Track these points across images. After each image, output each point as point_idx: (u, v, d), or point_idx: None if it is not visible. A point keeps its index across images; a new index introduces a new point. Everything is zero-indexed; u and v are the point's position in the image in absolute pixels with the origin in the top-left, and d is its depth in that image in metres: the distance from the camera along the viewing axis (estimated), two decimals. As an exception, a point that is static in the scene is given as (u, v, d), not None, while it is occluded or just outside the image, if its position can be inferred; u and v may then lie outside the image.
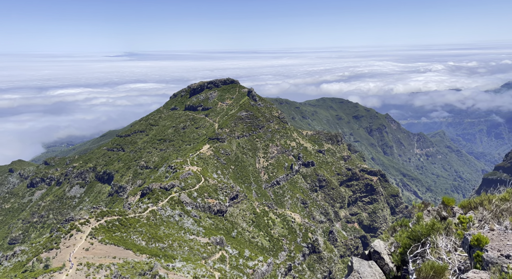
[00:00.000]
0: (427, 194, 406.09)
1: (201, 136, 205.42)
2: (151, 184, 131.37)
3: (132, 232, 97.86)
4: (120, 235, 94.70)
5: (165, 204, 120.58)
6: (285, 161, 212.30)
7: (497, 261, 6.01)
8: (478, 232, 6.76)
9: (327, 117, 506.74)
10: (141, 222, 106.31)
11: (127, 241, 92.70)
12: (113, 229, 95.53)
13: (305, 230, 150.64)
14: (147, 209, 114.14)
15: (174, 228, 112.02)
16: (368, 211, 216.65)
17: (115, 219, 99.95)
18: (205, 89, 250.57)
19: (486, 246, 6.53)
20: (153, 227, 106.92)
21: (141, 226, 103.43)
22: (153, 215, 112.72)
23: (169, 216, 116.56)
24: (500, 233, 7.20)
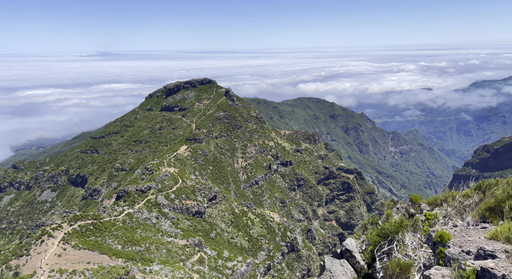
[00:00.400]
0: (401, 191, 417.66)
1: (178, 137, 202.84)
2: (127, 187, 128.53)
3: (108, 236, 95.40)
4: (94, 240, 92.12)
5: (141, 207, 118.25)
6: (263, 160, 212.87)
7: (458, 257, 6.15)
8: (441, 229, 6.91)
9: (305, 117, 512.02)
10: (116, 225, 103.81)
11: (102, 245, 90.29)
12: (87, 234, 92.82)
13: (284, 229, 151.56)
14: (123, 212, 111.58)
15: (151, 230, 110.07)
16: (345, 208, 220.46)
17: (89, 223, 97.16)
18: (181, 89, 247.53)
19: (449, 242, 6.68)
20: (130, 230, 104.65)
21: (117, 230, 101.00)
22: (129, 218, 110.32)
23: (146, 219, 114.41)
24: (462, 229, 7.39)
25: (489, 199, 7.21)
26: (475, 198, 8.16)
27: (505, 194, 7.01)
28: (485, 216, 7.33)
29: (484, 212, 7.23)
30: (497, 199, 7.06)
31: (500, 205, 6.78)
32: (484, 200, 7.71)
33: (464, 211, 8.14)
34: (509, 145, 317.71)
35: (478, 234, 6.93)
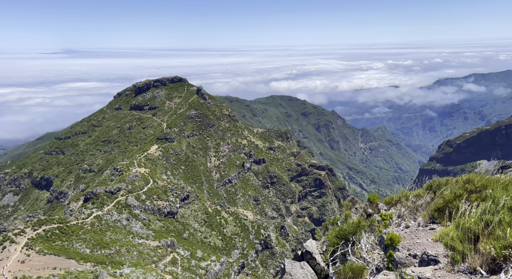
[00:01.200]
0: (371, 186, 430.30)
1: (148, 137, 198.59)
2: (95, 188, 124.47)
3: (75, 240, 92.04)
4: (61, 244, 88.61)
5: (111, 209, 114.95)
6: (236, 159, 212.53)
7: (405, 261, 6.23)
8: (391, 231, 7.01)
9: (277, 115, 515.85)
10: (84, 228, 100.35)
11: (69, 250, 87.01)
12: (53, 238, 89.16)
13: (258, 227, 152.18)
14: (91, 214, 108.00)
15: (121, 233, 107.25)
16: (318, 205, 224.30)
17: (54, 228, 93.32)
18: (151, 88, 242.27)
19: (399, 245, 6.79)
20: (99, 233, 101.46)
21: (85, 233, 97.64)
22: (98, 221, 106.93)
23: (115, 221, 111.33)
24: (412, 231, 7.52)
25: (437, 200, 7.36)
26: (427, 198, 8.29)
27: (452, 194, 7.19)
28: (434, 217, 7.52)
29: (433, 213, 7.41)
30: (445, 200, 7.24)
31: (448, 205, 6.96)
32: (434, 200, 7.85)
33: (416, 211, 8.27)
34: (469, 140, 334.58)
35: (426, 235, 7.09)
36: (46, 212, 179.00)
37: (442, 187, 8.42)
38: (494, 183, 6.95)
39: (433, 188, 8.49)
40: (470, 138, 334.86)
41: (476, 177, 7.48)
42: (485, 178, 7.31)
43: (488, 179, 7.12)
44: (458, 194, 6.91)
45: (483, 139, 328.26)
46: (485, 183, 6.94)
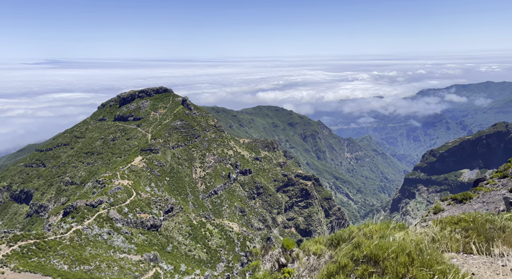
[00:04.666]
0: (357, 195, 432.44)
1: (132, 148, 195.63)
2: (75, 202, 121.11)
3: (52, 256, 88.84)
4: (37, 261, 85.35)
5: (91, 222, 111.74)
6: (222, 170, 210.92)
7: None
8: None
9: (264, 125, 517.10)
10: (63, 244, 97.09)
11: (46, 266, 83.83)
12: (29, 255, 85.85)
13: (243, 239, 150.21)
14: (71, 229, 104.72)
15: (102, 247, 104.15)
16: (304, 215, 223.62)
17: (31, 243, 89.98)
18: (136, 98, 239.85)
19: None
20: (78, 248, 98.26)
21: (63, 249, 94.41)
22: (77, 236, 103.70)
23: (96, 235, 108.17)
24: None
25: (328, 265, 6.26)
26: (325, 256, 7.17)
27: (345, 260, 6.00)
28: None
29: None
30: (329, 272, 6.04)
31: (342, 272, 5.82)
32: (326, 264, 6.69)
33: (315, 269, 7.13)
34: (452, 149, 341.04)
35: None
36: (25, 227, 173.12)
37: (342, 243, 7.19)
38: (384, 251, 5.67)
39: (334, 243, 7.33)
40: (453, 148, 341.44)
41: (365, 241, 6.35)
42: (373, 244, 6.04)
43: (378, 246, 5.88)
44: (343, 265, 5.92)
45: (465, 149, 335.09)
46: (374, 252, 5.77)
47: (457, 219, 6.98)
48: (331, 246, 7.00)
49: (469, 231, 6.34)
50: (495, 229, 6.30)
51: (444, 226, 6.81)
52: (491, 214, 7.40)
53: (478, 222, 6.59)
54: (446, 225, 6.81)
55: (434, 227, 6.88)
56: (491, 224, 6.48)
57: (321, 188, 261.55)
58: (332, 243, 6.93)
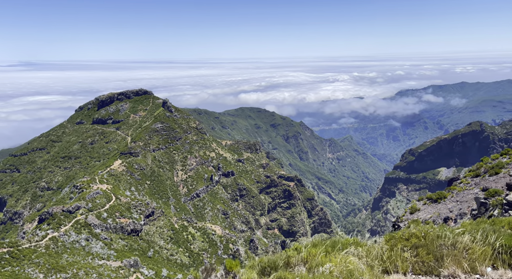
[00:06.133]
0: (340, 195, 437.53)
1: (112, 151, 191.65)
2: (51, 208, 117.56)
3: (27, 265, 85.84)
4: (11, 270, 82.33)
5: (68, 229, 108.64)
6: (204, 172, 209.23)
7: None
8: None
9: (246, 126, 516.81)
10: (38, 252, 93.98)
11: (20, 276, 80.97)
12: (2, 264, 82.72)
13: (226, 242, 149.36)
14: (46, 236, 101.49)
15: (80, 254, 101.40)
16: (287, 216, 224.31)
17: (4, 252, 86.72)
18: (115, 101, 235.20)
19: None
20: (54, 256, 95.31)
21: (39, 257, 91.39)
22: (53, 243, 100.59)
23: (73, 242, 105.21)
24: None
25: None
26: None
27: None
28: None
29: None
30: None
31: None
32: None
33: None
34: (430, 148, 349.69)
35: None
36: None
37: (276, 270, 6.62)
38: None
39: (266, 271, 6.83)
40: (430, 147, 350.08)
41: (288, 276, 5.78)
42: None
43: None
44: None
45: (442, 148, 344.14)
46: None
47: (408, 235, 6.80)
48: (263, 275, 6.56)
49: (418, 249, 6.18)
50: (446, 246, 6.15)
51: (395, 243, 6.64)
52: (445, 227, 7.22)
53: (429, 238, 6.42)
54: (397, 242, 6.65)
55: (384, 245, 6.68)
56: (442, 240, 6.33)
57: (304, 189, 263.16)
58: (265, 271, 6.49)
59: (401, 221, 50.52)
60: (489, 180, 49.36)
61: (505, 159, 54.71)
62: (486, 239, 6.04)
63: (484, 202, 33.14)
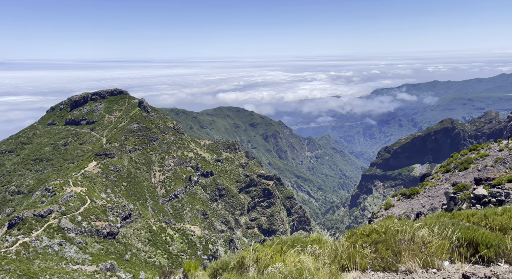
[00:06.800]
0: (318, 193, 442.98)
1: (86, 153, 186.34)
2: (22, 212, 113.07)
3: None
4: (-22, 279, 78.63)
5: (40, 234, 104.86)
6: (183, 173, 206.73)
7: None
8: None
9: (225, 126, 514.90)
10: (8, 258, 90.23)
11: (-12, 285, 77.43)
12: (-32, 273, 78.82)
13: (206, 242, 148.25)
14: (17, 242, 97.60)
15: (53, 260, 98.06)
16: (267, 215, 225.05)
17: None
18: (89, 101, 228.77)
19: None
20: (25, 262, 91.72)
21: (9, 263, 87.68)
22: (24, 249, 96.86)
23: (46, 247, 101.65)
24: None
25: None
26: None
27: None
28: None
29: None
30: None
31: None
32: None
33: None
34: (404, 145, 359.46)
35: None
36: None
37: (229, 272, 6.51)
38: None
39: (218, 272, 6.65)
40: (405, 144, 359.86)
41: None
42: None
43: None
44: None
45: (416, 145, 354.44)
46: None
47: (369, 231, 6.76)
48: (214, 277, 6.38)
49: (378, 245, 6.14)
50: (405, 240, 6.13)
51: (356, 239, 6.58)
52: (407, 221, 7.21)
53: (389, 234, 6.41)
54: (358, 238, 6.60)
55: (345, 242, 6.62)
56: (402, 235, 6.32)
57: (283, 187, 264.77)
58: (217, 273, 6.30)
59: (376, 217, 51.44)
60: (458, 175, 51.06)
61: (473, 155, 56.75)
62: (444, 232, 6.08)
63: (453, 196, 34.18)
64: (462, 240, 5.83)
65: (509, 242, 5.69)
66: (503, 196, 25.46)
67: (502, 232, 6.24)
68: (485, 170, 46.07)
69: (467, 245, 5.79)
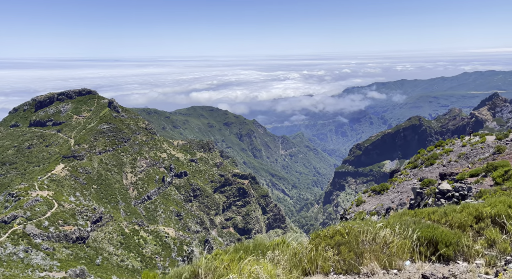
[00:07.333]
0: (293, 191, 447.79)
1: (53, 155, 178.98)
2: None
3: (-46, 285, 77.52)
4: None
5: (4, 240, 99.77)
6: (156, 174, 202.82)
7: None
8: None
9: (199, 126, 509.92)
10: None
11: None
12: None
13: (180, 243, 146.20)
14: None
15: (18, 267, 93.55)
16: (242, 214, 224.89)
17: None
18: (55, 102, 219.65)
19: None
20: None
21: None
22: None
23: (10, 254, 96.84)
24: None
25: None
26: None
27: None
28: None
29: None
30: None
31: None
32: None
33: None
34: (375, 142, 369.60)
35: None
36: None
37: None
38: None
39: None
40: (376, 141, 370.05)
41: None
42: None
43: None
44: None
45: (386, 142, 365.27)
46: None
47: (332, 232, 6.68)
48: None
49: (341, 247, 6.08)
50: (368, 241, 6.10)
51: (319, 242, 6.49)
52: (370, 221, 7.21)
53: (352, 235, 6.36)
54: (322, 240, 6.51)
55: (308, 245, 6.51)
56: (365, 235, 6.28)
57: (258, 186, 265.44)
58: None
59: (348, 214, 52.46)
60: (425, 171, 52.90)
61: (438, 151, 58.94)
62: (405, 232, 6.10)
63: (420, 192, 35.35)
64: (423, 239, 5.86)
65: (467, 240, 5.79)
66: (465, 190, 26.54)
67: (461, 229, 6.35)
68: (450, 165, 47.97)
69: (427, 243, 5.84)
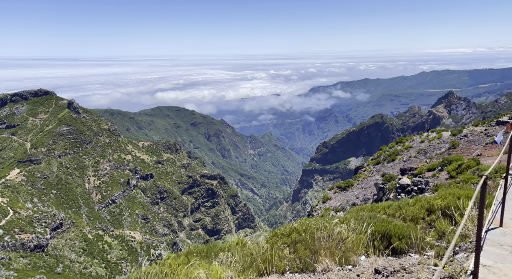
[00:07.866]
0: (262, 190, 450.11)
1: (7, 160, 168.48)
2: None
3: None
4: None
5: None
6: (120, 176, 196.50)
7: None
8: None
9: (165, 126, 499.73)
10: None
11: None
12: None
13: (147, 247, 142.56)
14: None
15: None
16: (211, 215, 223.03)
17: None
18: (9, 103, 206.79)
19: None
20: None
21: None
22: None
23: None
24: None
25: None
26: None
27: None
28: None
29: None
30: None
31: None
32: None
33: None
34: (341, 140, 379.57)
35: None
36: None
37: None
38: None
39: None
40: (341, 139, 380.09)
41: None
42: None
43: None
44: None
45: (351, 139, 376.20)
46: None
47: (289, 230, 6.61)
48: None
49: (297, 244, 5.99)
50: (324, 238, 6.07)
51: (276, 240, 6.38)
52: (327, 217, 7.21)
53: (308, 232, 6.31)
54: (279, 239, 6.41)
55: (265, 244, 6.38)
56: (321, 232, 6.25)
57: (227, 186, 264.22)
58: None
59: (315, 211, 53.23)
60: (387, 167, 54.79)
61: (399, 147, 61.25)
62: (360, 226, 6.12)
63: (382, 187, 36.51)
64: (377, 233, 5.89)
65: (419, 232, 5.89)
66: (423, 184, 27.70)
67: (413, 222, 6.47)
68: (409, 160, 49.99)
69: (381, 238, 5.87)
